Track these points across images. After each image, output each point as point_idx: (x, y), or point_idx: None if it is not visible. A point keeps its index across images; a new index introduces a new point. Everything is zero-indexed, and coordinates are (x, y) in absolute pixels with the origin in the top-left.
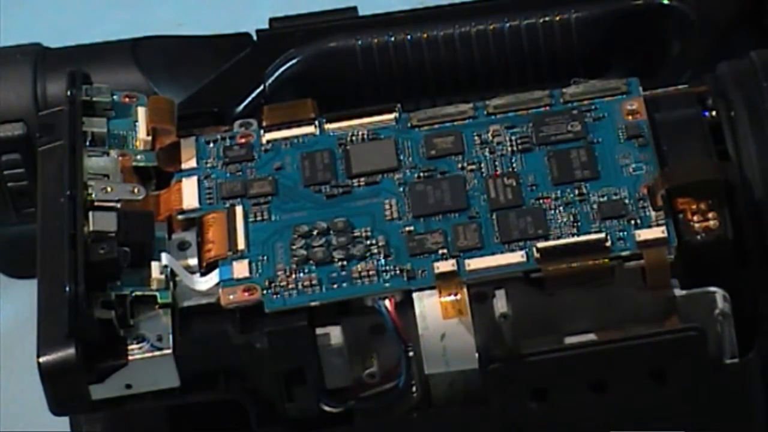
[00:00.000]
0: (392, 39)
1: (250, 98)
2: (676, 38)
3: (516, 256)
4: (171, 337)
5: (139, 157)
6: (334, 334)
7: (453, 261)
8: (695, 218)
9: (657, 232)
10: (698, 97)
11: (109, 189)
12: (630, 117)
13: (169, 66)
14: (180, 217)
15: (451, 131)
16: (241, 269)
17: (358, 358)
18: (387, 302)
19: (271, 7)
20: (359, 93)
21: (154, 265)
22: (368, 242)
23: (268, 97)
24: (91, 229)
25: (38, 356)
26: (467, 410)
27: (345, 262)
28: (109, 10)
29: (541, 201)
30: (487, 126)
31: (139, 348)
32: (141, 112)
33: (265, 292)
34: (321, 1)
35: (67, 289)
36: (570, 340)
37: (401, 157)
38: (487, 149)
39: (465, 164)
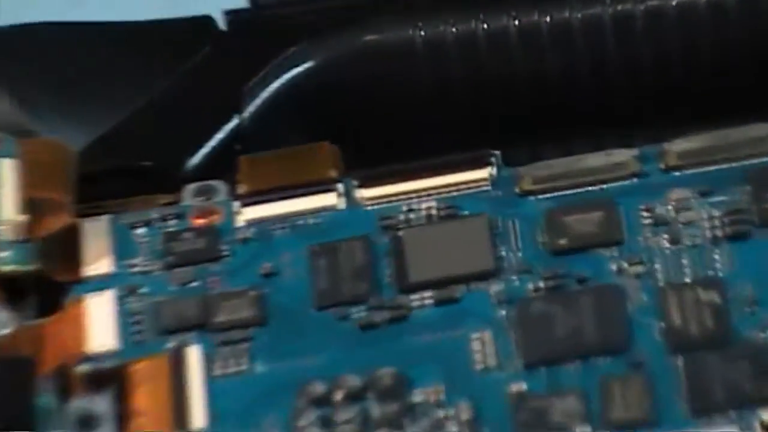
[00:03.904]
0: (453, 30)
1: (213, 140)
2: None
3: None
4: None
5: (4, 255)
6: None
7: None
8: None
9: None
10: None
11: None
12: None
13: (62, 79)
14: (83, 367)
15: (595, 202)
16: None
17: None
18: None
19: None
20: (404, 128)
21: None
22: (441, 413)
23: (245, 136)
24: None
25: None
26: None
27: None
28: None
29: (765, 332)
30: (665, 191)
31: None
32: (7, 168)
33: None
34: None
35: None
36: None
37: (503, 253)
38: (665, 235)
39: (623, 264)
